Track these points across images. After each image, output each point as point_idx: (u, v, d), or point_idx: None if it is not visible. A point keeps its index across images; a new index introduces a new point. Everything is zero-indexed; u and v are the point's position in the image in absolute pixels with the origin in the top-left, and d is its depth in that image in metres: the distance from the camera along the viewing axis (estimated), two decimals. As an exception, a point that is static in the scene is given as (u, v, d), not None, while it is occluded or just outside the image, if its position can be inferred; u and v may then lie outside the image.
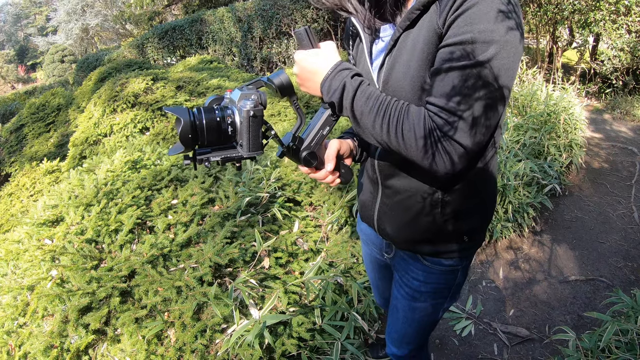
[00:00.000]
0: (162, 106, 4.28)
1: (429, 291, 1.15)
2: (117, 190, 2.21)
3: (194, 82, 4.64)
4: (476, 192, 0.99)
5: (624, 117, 5.68)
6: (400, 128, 0.80)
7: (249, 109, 0.80)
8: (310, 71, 0.91)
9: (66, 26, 27.12)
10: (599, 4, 5.79)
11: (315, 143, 0.93)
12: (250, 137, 0.82)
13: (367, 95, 0.84)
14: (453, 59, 0.74)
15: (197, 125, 0.79)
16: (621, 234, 3.14)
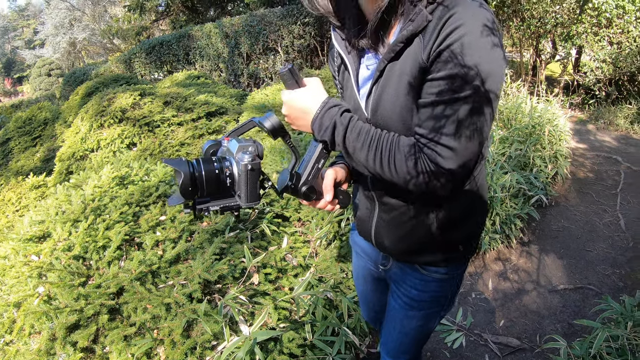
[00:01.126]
0: (149, 121, 4.27)
1: (426, 300, 1.17)
2: (104, 206, 2.19)
3: (181, 98, 4.65)
4: (468, 203, 1.02)
5: (607, 127, 5.80)
6: (393, 161, 0.84)
7: (246, 162, 0.83)
8: (299, 111, 0.92)
9: (54, 39, 27.00)
10: (580, 17, 5.94)
11: (312, 177, 0.96)
12: (248, 189, 0.85)
13: (358, 131, 0.88)
14: (439, 92, 0.77)
15: (197, 177, 0.82)
16: (608, 242, 3.18)
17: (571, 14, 6.14)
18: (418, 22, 0.79)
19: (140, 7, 15.79)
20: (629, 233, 3.28)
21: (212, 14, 17.05)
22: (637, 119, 5.69)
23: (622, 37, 5.78)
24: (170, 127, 4.39)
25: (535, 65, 7.29)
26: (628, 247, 3.11)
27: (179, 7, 16.53)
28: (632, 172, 4.35)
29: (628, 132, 5.59)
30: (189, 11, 16.62)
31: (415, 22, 0.79)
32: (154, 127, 4.35)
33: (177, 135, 4.33)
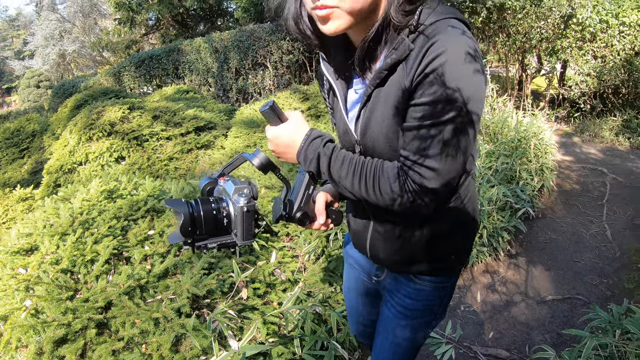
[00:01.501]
0: (138, 135, 4.27)
1: (419, 308, 1.19)
2: (92, 220, 2.18)
3: (170, 112, 4.66)
4: (458, 215, 1.05)
5: (593, 140, 5.90)
6: (378, 186, 0.88)
7: (242, 205, 0.88)
8: (284, 146, 0.97)
9: (43, 51, 26.90)
10: (565, 32, 6.08)
11: (304, 203, 1.01)
12: (244, 229, 0.90)
13: (342, 161, 0.92)
14: (422, 117, 0.81)
15: (196, 217, 0.87)
16: (595, 252, 3.23)
17: (556, 29, 6.29)
18: (401, 51, 0.83)
19: (130, 20, 15.83)
20: (615, 243, 3.33)
21: (201, 29, 17.15)
22: (622, 131, 5.80)
23: (606, 51, 5.90)
24: (158, 141, 4.39)
25: (521, 80, 7.42)
26: (615, 257, 3.15)
27: (169, 22, 16.60)
28: (617, 183, 4.43)
29: (613, 144, 5.70)
30: (179, 25, 16.70)
31: (398, 51, 0.83)
32: (143, 141, 4.34)
33: (165, 149, 4.33)
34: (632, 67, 5.71)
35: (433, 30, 0.80)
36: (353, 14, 0.83)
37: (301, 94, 5.22)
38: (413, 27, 0.82)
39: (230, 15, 18.27)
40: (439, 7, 0.85)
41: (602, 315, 2.00)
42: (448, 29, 0.79)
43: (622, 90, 6.13)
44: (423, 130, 0.81)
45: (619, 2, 5.78)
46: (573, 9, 5.95)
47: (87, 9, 26.32)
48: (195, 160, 4.32)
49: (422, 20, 0.83)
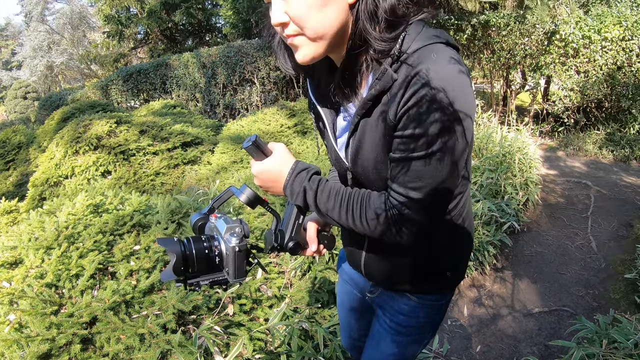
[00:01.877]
0: (124, 149, 4.25)
1: (413, 325, 1.18)
2: (78, 234, 2.16)
3: (157, 127, 4.65)
4: (452, 234, 1.05)
5: (577, 153, 6.00)
6: (365, 217, 0.89)
7: (234, 245, 0.89)
8: (270, 181, 0.97)
9: (31, 62, 26.75)
10: (548, 48, 6.22)
11: (295, 233, 1.03)
12: (235, 268, 0.91)
13: (328, 194, 0.93)
14: (407, 149, 0.80)
15: (188, 256, 0.87)
16: (581, 264, 3.27)
17: (539, 45, 6.43)
18: (384, 81, 0.81)
19: (119, 34, 15.85)
20: (600, 254, 3.38)
21: (190, 44, 17.26)
22: (606, 144, 5.90)
23: (589, 66, 6.04)
24: (145, 156, 4.38)
25: (505, 96, 7.55)
26: (600, 268, 3.19)
27: (157, 36, 16.67)
28: (601, 195, 4.50)
29: (597, 157, 5.80)
30: (168, 40, 16.77)
31: (382, 81, 0.81)
32: (129, 155, 4.33)
33: (152, 164, 4.32)
34: (615, 82, 5.85)
35: (417, 58, 0.78)
36: (318, 40, 0.82)
37: (288, 110, 5.26)
38: (396, 55, 0.80)
39: (218, 31, 18.42)
40: (424, 31, 0.82)
41: (589, 326, 2.03)
42: (432, 57, 0.76)
43: (605, 104, 6.25)
44: (407, 162, 0.81)
45: (601, 18, 5.94)
46: (556, 26, 6.11)
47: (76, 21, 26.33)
48: (182, 176, 4.31)
49: (405, 47, 0.80)
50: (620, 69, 5.88)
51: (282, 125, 5.02)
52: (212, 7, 17.70)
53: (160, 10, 15.38)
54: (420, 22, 0.83)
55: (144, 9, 15.67)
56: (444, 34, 0.83)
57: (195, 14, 15.85)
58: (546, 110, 6.86)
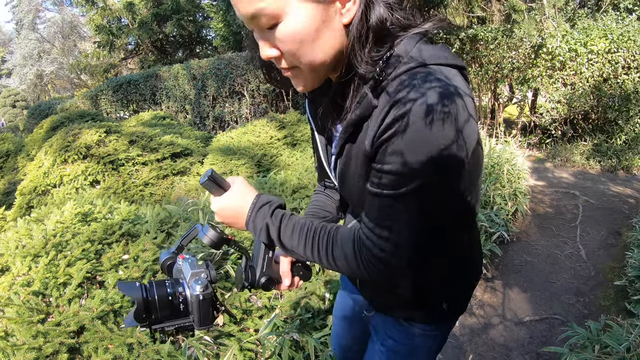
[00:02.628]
0: (114, 159, 4.22)
1: (402, 352, 1.12)
2: (66, 243, 2.13)
3: (147, 137, 4.63)
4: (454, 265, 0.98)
5: (564, 164, 6.08)
6: (331, 254, 0.84)
7: (198, 293, 0.85)
8: (232, 217, 0.92)
9: (21, 70, 26.62)
10: (536, 62, 6.33)
11: (266, 268, 0.96)
12: (200, 316, 0.87)
13: (292, 229, 0.87)
14: (380, 184, 0.72)
15: (150, 302, 0.83)
16: (570, 273, 3.29)
17: (527, 58, 6.54)
18: (364, 107, 0.74)
19: (110, 44, 15.84)
20: (590, 262, 3.41)
21: (180, 56, 17.33)
22: (593, 155, 6.00)
23: (576, 79, 6.15)
24: (134, 166, 4.35)
25: (493, 109, 7.65)
26: (590, 276, 3.22)
27: (148, 47, 16.70)
28: (589, 205, 4.56)
29: (584, 168, 5.88)
30: (158, 51, 16.81)
31: (361, 107, 0.74)
32: (119, 165, 4.30)
33: (141, 174, 4.29)
34: (601, 93, 5.96)
35: (398, 85, 0.69)
36: (315, 69, 0.76)
37: (278, 122, 5.28)
38: (377, 79, 0.72)
39: (209, 43, 18.52)
40: (415, 49, 0.72)
41: (580, 332, 2.04)
42: (417, 84, 0.67)
43: (591, 115, 6.36)
44: (380, 198, 0.73)
45: (587, 31, 6.07)
46: (543, 39, 6.22)
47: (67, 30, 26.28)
48: (171, 187, 4.28)
49: (389, 69, 0.71)
50: (606, 81, 6.00)
51: (272, 137, 5.02)
52: (203, 20, 17.82)
53: (152, 22, 15.43)
54: (414, 39, 0.74)
55: (135, 20, 15.71)
56: (443, 52, 0.74)
57: (186, 25, 15.94)
58: (534, 123, 6.96)
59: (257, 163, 4.51)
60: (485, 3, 7.94)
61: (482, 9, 7.77)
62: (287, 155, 4.71)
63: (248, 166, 4.41)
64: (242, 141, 4.98)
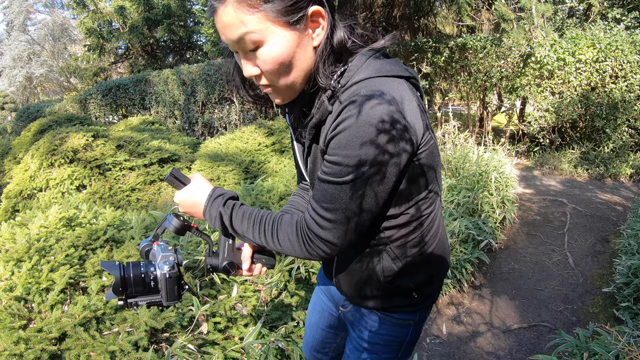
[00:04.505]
0: (100, 164, 4.18)
1: (378, 343, 1.17)
2: (50, 247, 2.10)
3: (134, 142, 4.59)
4: (420, 254, 1.05)
5: (552, 172, 6.13)
6: (276, 238, 0.96)
7: (165, 272, 1.00)
8: (191, 207, 1.06)
9: (10, 72, 26.34)
10: (524, 70, 6.40)
11: (227, 254, 1.10)
12: (167, 292, 1.02)
13: (241, 217, 1.01)
14: (325, 173, 0.85)
15: (126, 279, 0.99)
16: (558, 280, 3.31)
17: (515, 67, 6.61)
18: (321, 113, 0.88)
19: (100, 47, 15.77)
20: (578, 270, 3.43)
21: (170, 61, 17.30)
22: (581, 163, 6.05)
23: (564, 87, 6.21)
24: (121, 171, 4.31)
25: (482, 117, 7.72)
26: (578, 283, 3.24)
27: (138, 51, 16.64)
28: (577, 212, 4.60)
29: (572, 176, 5.94)
30: (148, 56, 16.75)
31: (319, 112, 0.88)
32: (105, 170, 4.26)
33: (128, 180, 4.25)
34: (589, 102, 6.02)
35: (350, 94, 0.83)
36: (290, 86, 0.89)
37: (266, 129, 5.27)
38: (333, 89, 0.86)
39: (199, 49, 18.51)
40: (366, 64, 0.87)
41: (569, 340, 2.04)
42: (361, 93, 0.81)
43: (579, 124, 6.43)
44: (325, 184, 0.86)
45: (575, 40, 6.14)
46: (532, 48, 6.29)
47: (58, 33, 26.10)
48: (158, 192, 4.25)
49: (343, 81, 0.86)
50: (594, 90, 6.07)
51: (260, 143, 5.01)
52: (194, 25, 17.80)
53: (142, 26, 15.38)
54: (366, 55, 0.88)
55: (126, 24, 15.65)
56: (392, 65, 0.87)
57: (177, 31, 15.91)
58: (522, 131, 7.02)
59: (244, 169, 4.49)
60: (475, 12, 8.03)
61: (472, 18, 7.86)
62: (275, 162, 4.70)
63: (235, 172, 4.39)
64: (230, 147, 4.96)
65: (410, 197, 0.94)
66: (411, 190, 0.93)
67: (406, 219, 0.98)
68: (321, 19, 0.86)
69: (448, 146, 5.19)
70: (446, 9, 8.11)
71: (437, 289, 1.17)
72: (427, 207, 1.00)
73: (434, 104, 8.27)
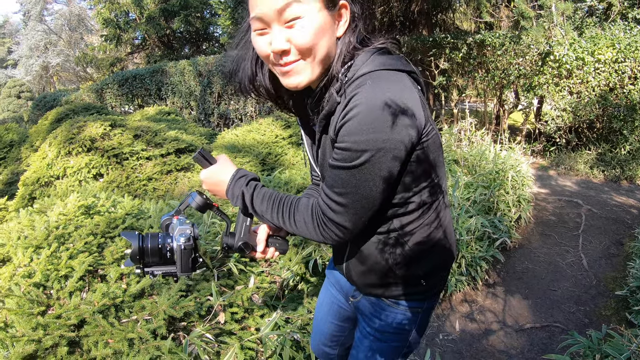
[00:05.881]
0: (118, 153, 4.21)
1: (388, 331, 1.19)
2: (69, 235, 2.12)
3: (151, 132, 4.61)
4: (426, 241, 1.08)
5: (568, 173, 6.06)
6: (293, 220, 1.02)
7: (181, 243, 1.03)
8: (215, 185, 1.12)
9: (27, 61, 26.67)
10: (542, 69, 6.30)
11: (244, 234, 1.15)
12: (182, 263, 1.05)
13: (262, 198, 1.06)
14: (337, 159, 0.90)
15: (144, 249, 1.04)
16: (572, 281, 3.28)
17: (533, 65, 6.52)
18: (330, 104, 0.93)
19: (117, 38, 15.88)
20: (591, 272, 3.40)
21: (187, 52, 17.33)
22: (597, 164, 5.97)
23: (582, 87, 6.12)
24: (138, 160, 4.33)
25: (498, 115, 7.63)
26: (592, 285, 3.21)
27: (154, 42, 16.71)
28: (592, 214, 4.55)
29: (588, 177, 5.86)
30: (165, 47, 16.81)
31: (329, 104, 0.93)
32: (123, 159, 4.29)
33: (145, 169, 4.28)
34: (607, 103, 5.93)
35: (356, 85, 0.88)
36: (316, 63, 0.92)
37: (283, 122, 5.26)
38: (341, 82, 0.92)
39: (215, 40, 18.51)
40: (371, 59, 0.91)
41: (581, 341, 2.03)
42: (367, 84, 0.86)
43: (596, 125, 6.34)
44: (336, 170, 0.91)
45: (594, 40, 6.04)
46: (550, 47, 6.20)
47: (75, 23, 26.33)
48: (175, 182, 4.27)
49: (350, 74, 0.91)
50: (612, 91, 5.98)
51: (277, 135, 5.01)
52: (211, 17, 17.80)
53: (159, 17, 15.44)
54: (371, 51, 0.93)
55: (143, 15, 15.72)
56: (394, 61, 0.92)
57: (194, 22, 15.94)
58: (538, 130, 6.93)
59: (261, 161, 4.50)
60: (494, 9, 7.93)
61: (491, 15, 7.76)
62: (292, 154, 4.70)
63: (252, 164, 4.40)
64: (247, 139, 4.97)
65: (415, 185, 0.98)
66: (415, 177, 0.97)
67: (412, 207, 1.02)
68: (346, 12, 0.93)
69: (464, 143, 5.15)
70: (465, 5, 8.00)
71: (444, 277, 1.21)
72: (431, 195, 1.03)
73: (451, 100, 8.21)
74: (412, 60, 7.93)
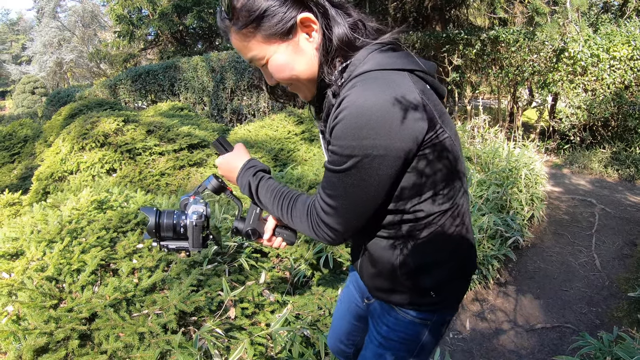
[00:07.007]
0: (131, 148, 4.24)
1: (394, 339, 1.16)
2: (81, 229, 2.15)
3: (164, 128, 4.63)
4: (437, 251, 1.03)
5: (582, 171, 5.98)
6: (291, 214, 1.03)
7: (193, 220, 1.12)
8: (228, 171, 1.18)
9: (41, 58, 26.98)
10: (557, 66, 6.22)
11: (253, 220, 1.21)
12: (193, 239, 1.14)
13: (266, 189, 1.09)
14: (329, 161, 0.90)
15: (160, 223, 1.12)
16: (584, 282, 3.24)
17: (548, 62, 6.44)
18: (327, 106, 0.96)
19: (130, 34, 15.97)
20: (604, 272, 3.35)
21: (199, 47, 17.35)
22: (611, 163, 5.88)
23: (597, 85, 6.03)
24: (151, 155, 4.36)
25: (512, 112, 7.56)
26: (604, 286, 3.17)
27: (167, 38, 16.78)
28: (606, 213, 4.48)
29: (602, 176, 5.78)
30: (178, 43, 16.87)
31: (326, 106, 0.96)
32: (136, 154, 4.31)
33: (158, 164, 4.30)
34: (622, 101, 5.83)
35: (349, 87, 0.87)
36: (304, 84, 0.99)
37: (296, 117, 5.25)
38: (336, 84, 0.92)
39: (228, 36, 18.44)
40: (368, 58, 0.90)
41: (592, 342, 2.01)
42: (358, 85, 0.84)
43: (611, 123, 6.25)
44: (327, 172, 0.92)
45: (609, 36, 5.94)
46: (565, 43, 6.11)
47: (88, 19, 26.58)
48: (187, 177, 4.28)
49: (345, 76, 0.91)
50: (627, 88, 5.88)
51: (290, 131, 5.01)
52: (223, 12, 17.74)
53: (172, 13, 15.48)
54: (369, 49, 0.92)
55: (156, 11, 15.78)
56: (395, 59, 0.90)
57: (207, 18, 15.94)
58: (552, 128, 6.84)
59: (274, 157, 4.50)
60: (508, 5, 7.83)
61: (505, 11, 7.67)
62: (305, 150, 4.69)
63: (265, 160, 4.41)
64: (260, 135, 4.97)
65: (420, 193, 0.94)
66: (420, 185, 0.93)
67: (420, 215, 0.97)
68: (312, 23, 0.92)
69: (477, 140, 5.11)
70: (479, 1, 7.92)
71: (459, 291, 1.14)
72: (442, 204, 0.98)
73: (464, 96, 8.14)
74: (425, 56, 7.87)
